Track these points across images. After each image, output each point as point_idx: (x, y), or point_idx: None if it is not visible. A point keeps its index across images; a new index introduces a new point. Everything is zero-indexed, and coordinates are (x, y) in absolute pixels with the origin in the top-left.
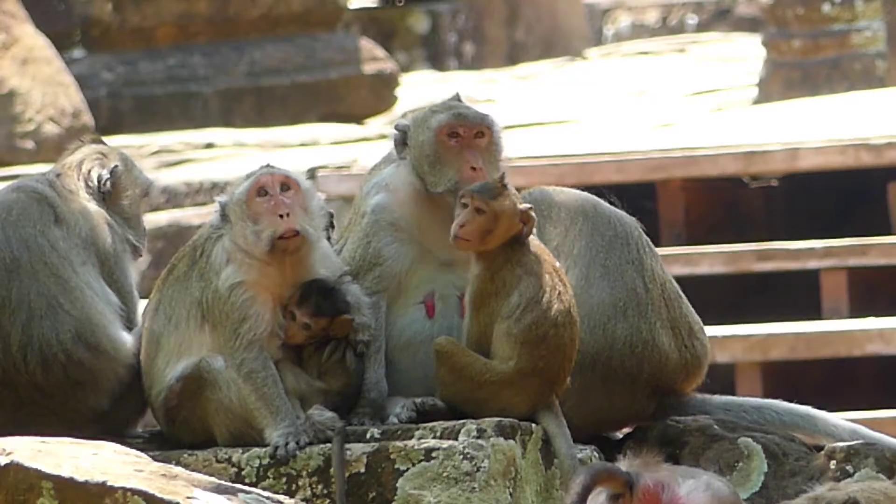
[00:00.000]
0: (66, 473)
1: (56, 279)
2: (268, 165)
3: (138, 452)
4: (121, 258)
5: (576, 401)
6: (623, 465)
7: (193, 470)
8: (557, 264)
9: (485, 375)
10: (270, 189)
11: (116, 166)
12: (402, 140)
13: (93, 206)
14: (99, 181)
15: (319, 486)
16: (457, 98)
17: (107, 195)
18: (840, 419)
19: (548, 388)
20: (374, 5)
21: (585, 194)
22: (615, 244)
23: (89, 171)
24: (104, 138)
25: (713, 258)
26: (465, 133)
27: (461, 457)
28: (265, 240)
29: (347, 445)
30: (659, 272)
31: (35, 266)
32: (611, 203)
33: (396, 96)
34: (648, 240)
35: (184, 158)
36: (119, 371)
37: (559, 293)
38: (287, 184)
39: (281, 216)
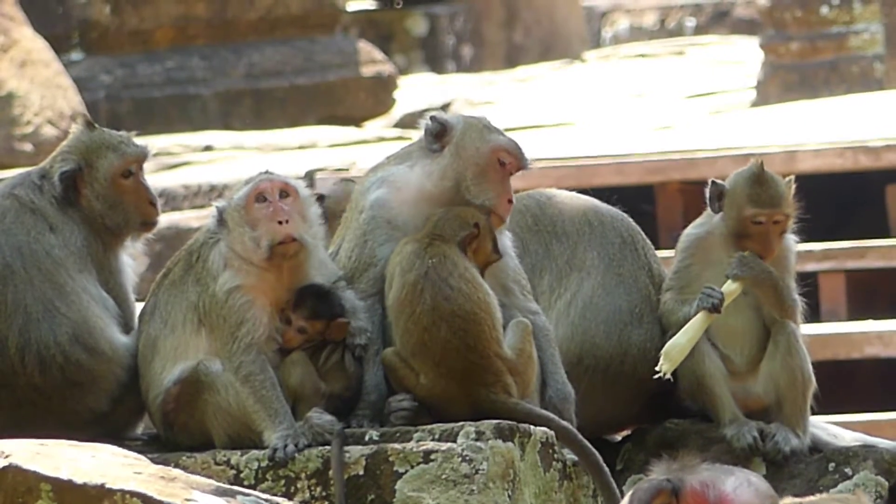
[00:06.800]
0: (64, 475)
1: (52, 284)
2: (267, 172)
3: (137, 454)
4: (116, 265)
5: (579, 403)
6: (660, 470)
7: (192, 472)
8: (430, 263)
9: (417, 389)
10: (269, 196)
11: (64, 171)
12: (439, 132)
13: (79, 212)
14: (55, 189)
15: (318, 489)
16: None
17: (71, 199)
18: (839, 427)
19: (472, 386)
20: (373, 8)
21: (583, 199)
22: (626, 252)
23: (53, 177)
24: None
25: None
26: (510, 166)
27: (460, 459)
28: (264, 246)
29: (346, 448)
30: (663, 273)
31: (30, 272)
32: (606, 201)
33: (395, 99)
34: (645, 237)
35: (182, 161)
36: (117, 372)
37: (412, 299)
38: (286, 191)
39: (280, 223)
